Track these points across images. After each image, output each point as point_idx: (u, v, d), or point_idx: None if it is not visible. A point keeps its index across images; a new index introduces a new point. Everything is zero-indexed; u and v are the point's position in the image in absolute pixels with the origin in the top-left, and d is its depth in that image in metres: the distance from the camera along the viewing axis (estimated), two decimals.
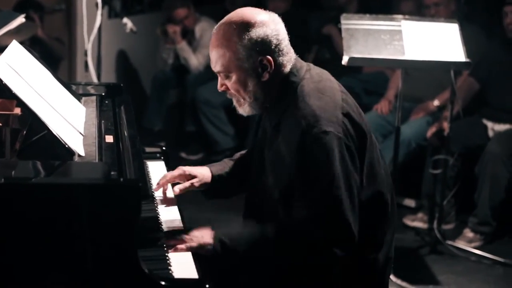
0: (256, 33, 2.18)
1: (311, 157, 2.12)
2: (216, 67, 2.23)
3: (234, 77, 2.21)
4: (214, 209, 3.83)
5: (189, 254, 2.14)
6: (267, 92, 2.23)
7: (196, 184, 2.47)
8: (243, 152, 2.65)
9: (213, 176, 2.50)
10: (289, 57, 2.24)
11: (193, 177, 2.48)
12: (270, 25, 2.20)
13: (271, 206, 2.27)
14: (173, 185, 2.52)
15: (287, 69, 2.24)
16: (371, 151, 2.24)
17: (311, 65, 2.32)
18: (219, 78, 2.26)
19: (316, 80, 2.26)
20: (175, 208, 2.46)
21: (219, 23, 2.24)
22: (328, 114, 2.15)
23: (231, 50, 2.18)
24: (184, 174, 2.48)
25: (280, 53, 2.21)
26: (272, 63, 2.20)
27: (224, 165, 2.56)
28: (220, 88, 2.28)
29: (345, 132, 2.15)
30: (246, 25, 2.18)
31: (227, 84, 2.25)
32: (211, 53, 2.24)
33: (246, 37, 2.17)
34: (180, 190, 2.44)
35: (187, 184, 2.46)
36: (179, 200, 2.51)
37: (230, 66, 2.20)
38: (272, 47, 2.20)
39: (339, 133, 2.13)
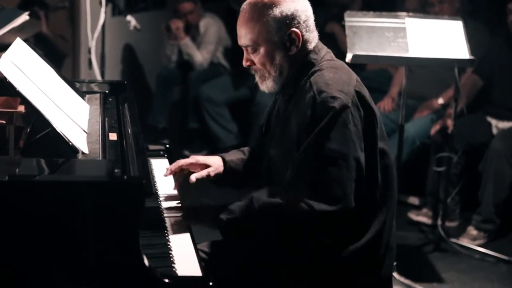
0: (286, 6, 2.24)
1: (317, 120, 2.15)
2: (244, 41, 2.28)
3: (262, 50, 2.26)
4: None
5: (192, 251, 2.14)
6: (291, 66, 2.28)
7: (212, 174, 2.49)
8: (249, 147, 2.65)
9: (225, 165, 2.52)
10: (314, 35, 2.32)
11: (207, 166, 2.49)
12: (299, 1, 2.28)
13: (278, 178, 2.29)
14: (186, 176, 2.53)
15: (311, 46, 2.31)
16: (382, 137, 2.27)
17: (329, 49, 2.37)
18: (245, 53, 2.31)
19: (335, 60, 2.33)
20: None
21: (247, 1, 2.29)
22: (340, 85, 2.21)
23: (261, 22, 2.23)
24: (198, 163, 2.50)
25: (307, 28, 2.28)
26: (300, 37, 2.26)
27: (236, 155, 2.58)
28: (245, 63, 2.32)
29: (353, 104, 2.19)
30: (276, 0, 2.24)
31: (254, 58, 2.29)
32: (239, 28, 2.28)
33: (277, 10, 2.23)
34: (196, 179, 2.45)
35: (203, 173, 2.47)
36: (182, 197, 2.50)
37: (259, 39, 2.25)
38: (301, 22, 2.27)
39: (347, 102, 2.17)
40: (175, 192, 2.52)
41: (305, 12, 2.28)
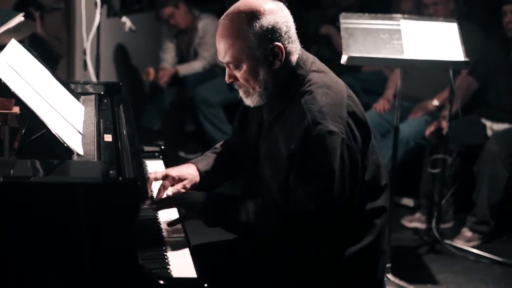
0: (266, 20, 2.16)
1: (312, 153, 2.12)
2: (225, 58, 2.21)
3: (244, 67, 2.19)
4: None
5: (187, 253, 2.14)
6: (276, 80, 2.22)
7: (188, 186, 2.45)
8: (223, 142, 2.66)
9: (200, 174, 2.49)
10: (296, 45, 2.25)
11: (182, 179, 2.45)
12: (278, 12, 2.19)
13: (268, 197, 2.27)
14: None
15: (295, 57, 2.23)
16: (373, 151, 2.25)
17: (315, 57, 2.32)
18: (227, 70, 2.24)
19: (322, 73, 2.26)
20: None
21: (225, 13, 2.22)
22: (334, 113, 2.15)
23: (241, 39, 2.16)
24: (171, 176, 2.44)
25: (289, 40, 2.21)
26: (283, 50, 2.19)
27: (208, 160, 2.55)
28: (228, 80, 2.26)
29: (348, 132, 2.15)
30: (256, 13, 2.16)
31: (237, 74, 2.22)
32: (219, 44, 2.21)
33: (257, 24, 2.16)
34: (174, 194, 2.39)
35: (179, 186, 2.42)
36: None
37: (240, 56, 2.18)
38: (283, 34, 2.19)
39: (343, 134, 2.13)
40: (170, 193, 2.51)
41: (286, 23, 2.20)
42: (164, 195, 2.42)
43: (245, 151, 2.45)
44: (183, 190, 2.41)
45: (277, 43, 2.18)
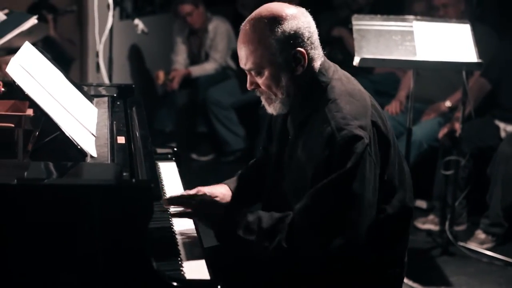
0: (288, 25, 2.13)
1: (336, 158, 2.07)
2: (246, 64, 2.17)
3: (266, 73, 2.16)
4: None
5: (201, 254, 2.14)
6: (298, 87, 2.18)
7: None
8: (254, 161, 2.60)
9: (232, 194, 2.45)
10: (319, 51, 2.21)
11: (215, 197, 2.41)
12: (301, 17, 2.16)
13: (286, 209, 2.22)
14: None
15: (318, 64, 2.20)
16: (394, 162, 2.22)
17: (336, 65, 2.28)
18: (249, 76, 2.21)
19: (345, 81, 2.23)
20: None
21: (247, 19, 2.18)
22: (358, 120, 2.11)
23: (263, 44, 2.12)
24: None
25: (312, 45, 2.17)
26: (306, 56, 2.16)
27: (240, 181, 2.50)
28: (249, 87, 2.22)
29: (371, 140, 2.11)
30: (278, 19, 2.13)
31: (258, 81, 2.19)
32: (240, 50, 2.18)
33: (279, 30, 2.12)
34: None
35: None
36: None
37: (262, 62, 2.14)
38: (305, 40, 2.15)
39: (367, 140, 2.09)
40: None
41: (308, 29, 2.16)
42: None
43: (270, 165, 2.41)
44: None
45: (299, 48, 2.14)
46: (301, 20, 2.15)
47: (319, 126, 2.13)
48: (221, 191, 2.43)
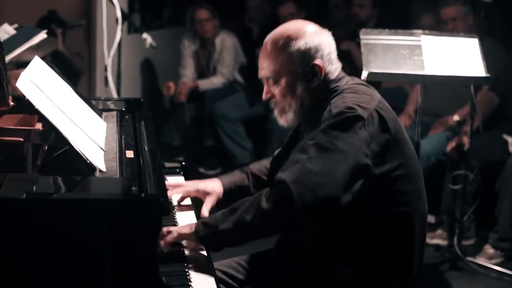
0: (311, 39, 2.24)
1: (328, 122, 2.09)
2: (265, 72, 2.27)
3: (283, 82, 2.24)
4: None
5: (210, 269, 2.14)
6: (312, 99, 2.25)
7: (214, 201, 2.52)
8: (260, 162, 2.67)
9: (224, 190, 2.54)
10: (336, 67, 2.29)
11: (207, 193, 2.53)
12: (323, 35, 2.28)
13: None
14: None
15: (333, 77, 2.28)
16: (407, 160, 2.22)
17: (354, 78, 2.34)
18: (265, 86, 2.29)
19: (358, 85, 2.28)
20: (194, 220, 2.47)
21: (271, 33, 2.29)
22: (358, 101, 2.15)
23: (285, 53, 2.23)
24: (195, 191, 2.54)
25: (330, 62, 2.27)
26: (323, 70, 2.24)
27: (235, 177, 2.59)
28: (265, 96, 2.30)
29: (369, 120, 2.11)
30: (301, 32, 2.24)
31: (274, 90, 2.27)
32: (261, 61, 2.27)
33: (302, 42, 2.23)
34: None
35: (209, 204, 2.50)
36: (198, 214, 2.51)
37: (281, 70, 2.23)
38: (324, 55, 2.25)
39: (363, 115, 2.10)
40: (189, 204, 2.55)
41: (328, 46, 2.27)
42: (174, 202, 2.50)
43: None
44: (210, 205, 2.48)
45: (318, 61, 2.23)
46: (322, 37, 2.27)
47: (323, 115, 2.16)
48: (213, 187, 2.53)
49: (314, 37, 2.24)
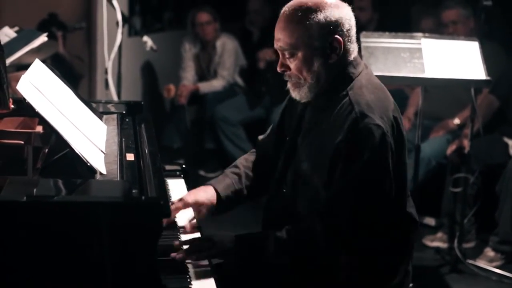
0: (332, 12, 2.15)
1: (357, 149, 2.09)
2: (282, 44, 2.17)
3: (300, 55, 2.16)
4: (233, 225, 3.82)
5: (210, 274, 2.13)
6: (328, 75, 2.19)
7: (204, 211, 2.43)
8: (244, 160, 2.55)
9: (218, 197, 2.44)
10: (354, 46, 2.23)
11: (201, 204, 2.42)
12: (344, 9, 2.19)
13: (306, 191, 2.23)
14: None
15: (351, 57, 2.21)
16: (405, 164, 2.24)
17: (367, 64, 2.31)
18: (281, 57, 2.21)
19: (372, 78, 2.26)
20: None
21: (289, 3, 2.19)
22: (381, 110, 2.14)
23: (303, 25, 2.13)
24: (188, 205, 2.42)
25: (349, 38, 2.20)
26: (342, 46, 2.17)
27: (228, 181, 2.47)
28: (279, 69, 2.22)
29: (391, 132, 2.13)
30: (322, 4, 2.15)
31: (290, 63, 2.19)
32: (278, 31, 2.18)
33: (322, 14, 2.14)
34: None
35: (201, 214, 2.43)
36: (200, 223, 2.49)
37: (298, 43, 2.15)
38: (345, 30, 2.17)
39: (387, 131, 2.11)
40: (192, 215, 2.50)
41: (349, 21, 2.18)
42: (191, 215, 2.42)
43: (279, 149, 2.40)
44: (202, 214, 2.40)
45: (337, 36, 2.16)
46: (344, 11, 2.18)
47: (343, 112, 2.14)
48: (206, 197, 2.42)
49: (335, 10, 2.15)
